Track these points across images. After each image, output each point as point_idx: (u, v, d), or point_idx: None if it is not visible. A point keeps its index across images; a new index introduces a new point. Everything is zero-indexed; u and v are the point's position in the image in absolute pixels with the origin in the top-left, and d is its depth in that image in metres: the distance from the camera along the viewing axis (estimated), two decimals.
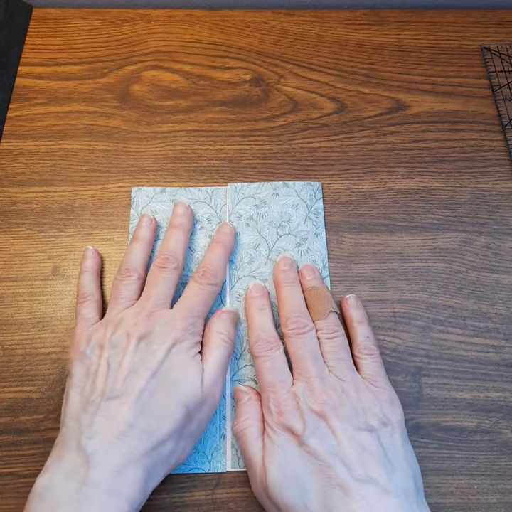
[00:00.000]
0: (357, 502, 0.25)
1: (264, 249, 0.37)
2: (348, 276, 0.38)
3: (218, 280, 0.33)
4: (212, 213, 0.37)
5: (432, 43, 0.47)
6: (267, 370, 0.30)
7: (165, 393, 0.28)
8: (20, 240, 0.38)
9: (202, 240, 0.37)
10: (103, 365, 0.28)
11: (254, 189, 0.38)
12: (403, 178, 0.41)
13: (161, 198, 0.39)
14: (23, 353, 0.35)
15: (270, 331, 0.32)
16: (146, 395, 0.27)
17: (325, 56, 0.47)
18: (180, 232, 0.35)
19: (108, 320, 0.31)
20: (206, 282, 0.32)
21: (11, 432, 0.33)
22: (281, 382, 0.30)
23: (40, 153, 0.41)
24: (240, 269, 0.36)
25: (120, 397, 0.27)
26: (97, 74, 0.45)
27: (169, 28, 0.47)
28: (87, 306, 0.33)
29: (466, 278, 0.38)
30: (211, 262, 0.33)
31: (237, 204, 0.38)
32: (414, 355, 0.35)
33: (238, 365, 0.33)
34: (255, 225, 0.37)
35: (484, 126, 0.43)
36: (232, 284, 0.35)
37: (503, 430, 0.33)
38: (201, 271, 0.33)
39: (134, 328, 0.29)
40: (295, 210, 0.38)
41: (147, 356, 0.28)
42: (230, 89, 0.45)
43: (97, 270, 0.35)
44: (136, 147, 0.42)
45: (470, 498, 0.31)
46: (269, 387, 0.30)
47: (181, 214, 0.36)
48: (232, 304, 0.35)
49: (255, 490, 0.29)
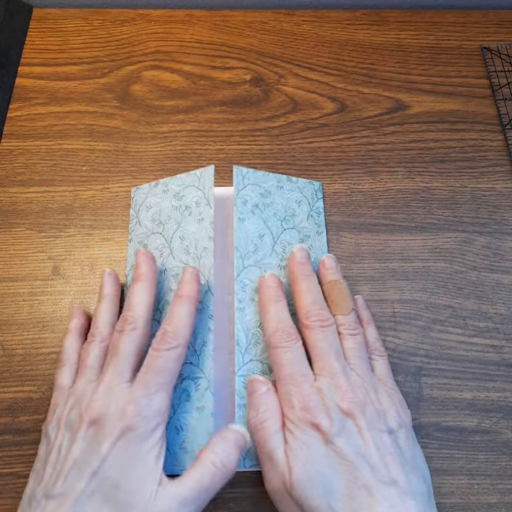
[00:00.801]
0: (381, 504, 0.25)
1: (269, 240, 0.36)
2: (348, 276, 0.37)
3: (181, 340, 0.29)
4: (201, 195, 0.36)
5: (432, 43, 0.47)
6: (287, 361, 0.29)
7: (102, 501, 0.24)
8: (20, 240, 0.38)
9: (191, 225, 0.35)
10: (55, 449, 0.27)
11: (260, 177, 0.38)
12: (403, 178, 0.41)
13: (155, 191, 0.38)
14: (24, 353, 0.35)
15: (289, 321, 0.30)
16: (83, 498, 0.24)
17: (325, 56, 0.47)
18: (139, 284, 0.31)
19: (70, 393, 0.29)
20: (165, 348, 0.28)
21: (11, 432, 0.33)
22: (303, 375, 0.28)
23: (40, 153, 0.41)
24: (245, 257, 0.34)
25: (58, 498, 0.24)
26: (97, 74, 0.45)
27: (169, 28, 0.47)
28: (63, 372, 0.31)
29: (467, 278, 0.38)
30: (170, 322, 0.29)
31: (243, 189, 0.36)
32: (415, 355, 0.35)
33: (243, 359, 0.32)
34: (260, 214, 0.36)
35: (484, 126, 0.43)
36: (237, 273, 0.34)
37: (504, 430, 0.33)
38: (159, 335, 0.29)
39: (87, 409, 0.27)
40: (298, 206, 0.38)
41: (93, 448, 0.25)
42: (230, 89, 0.45)
43: (80, 330, 0.33)
44: (136, 147, 0.42)
45: (470, 498, 0.31)
46: (290, 379, 0.28)
47: (140, 262, 0.32)
48: (237, 293, 0.33)
49: (273, 487, 0.27)
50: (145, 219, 0.38)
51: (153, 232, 0.37)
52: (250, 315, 0.33)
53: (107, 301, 0.33)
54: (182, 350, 0.29)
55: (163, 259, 0.36)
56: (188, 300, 0.30)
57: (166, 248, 0.36)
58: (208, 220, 0.35)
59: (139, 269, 0.32)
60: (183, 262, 0.35)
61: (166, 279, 0.35)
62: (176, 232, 0.36)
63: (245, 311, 0.33)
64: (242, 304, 0.33)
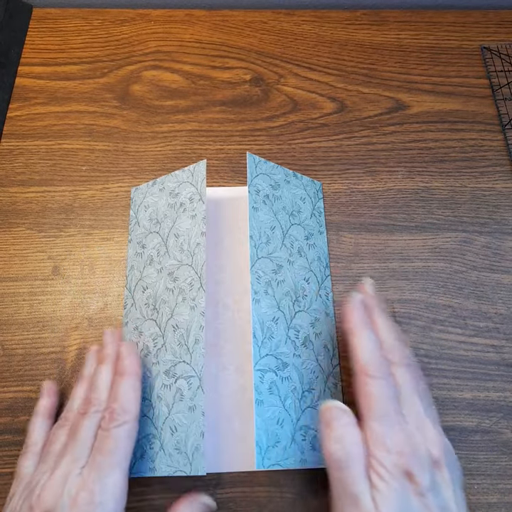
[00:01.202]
0: None
1: (279, 233, 0.36)
2: (348, 276, 0.37)
3: (128, 416, 0.28)
4: (194, 191, 0.36)
5: (432, 43, 0.47)
6: (382, 395, 0.27)
7: None
8: (20, 239, 0.38)
9: (184, 222, 0.35)
10: None
11: (270, 168, 0.38)
12: (403, 177, 0.41)
13: (152, 191, 0.38)
14: (23, 353, 0.35)
15: (380, 351, 0.29)
16: None
17: (325, 56, 0.47)
18: (103, 367, 0.31)
19: (27, 482, 0.28)
20: (113, 426, 0.27)
21: (11, 431, 0.33)
22: (397, 414, 0.26)
23: (40, 153, 0.41)
24: (258, 248, 0.34)
25: None
26: (97, 74, 0.45)
27: (169, 28, 0.47)
28: (24, 460, 0.29)
29: (466, 278, 0.38)
30: (115, 400, 0.29)
31: (256, 177, 0.36)
32: (415, 355, 0.35)
33: (260, 353, 0.31)
34: (271, 206, 0.36)
35: (484, 126, 0.43)
36: (252, 263, 0.33)
37: (504, 430, 0.33)
38: (106, 415, 0.28)
39: (38, 501, 0.25)
40: (303, 203, 0.38)
41: None
42: (230, 89, 0.45)
43: (49, 411, 0.32)
44: (136, 147, 0.42)
45: (470, 498, 0.31)
46: (385, 417, 0.26)
47: (107, 344, 0.32)
48: (253, 284, 0.33)
49: None
50: (143, 219, 0.38)
51: (151, 231, 0.37)
52: (265, 308, 0.33)
53: (86, 383, 0.32)
54: (131, 426, 0.28)
55: (160, 258, 0.36)
56: (129, 376, 0.30)
57: (163, 247, 0.36)
58: (201, 215, 0.34)
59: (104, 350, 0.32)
60: (178, 259, 0.35)
61: (163, 278, 0.35)
62: (171, 230, 0.36)
63: (261, 303, 0.33)
64: (257, 296, 0.33)
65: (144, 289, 0.35)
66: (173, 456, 0.30)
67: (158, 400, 0.32)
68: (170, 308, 0.33)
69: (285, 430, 0.30)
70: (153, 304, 0.34)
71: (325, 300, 0.36)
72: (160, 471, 0.29)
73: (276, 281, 0.34)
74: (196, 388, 0.30)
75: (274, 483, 0.32)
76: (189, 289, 0.33)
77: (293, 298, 0.35)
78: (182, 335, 0.32)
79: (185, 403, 0.31)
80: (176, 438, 0.30)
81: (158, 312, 0.34)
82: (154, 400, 0.32)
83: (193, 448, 0.29)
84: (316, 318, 0.35)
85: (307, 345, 0.34)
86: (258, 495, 0.31)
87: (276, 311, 0.33)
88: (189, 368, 0.31)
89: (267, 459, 0.29)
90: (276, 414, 0.30)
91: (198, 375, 0.31)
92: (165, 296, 0.34)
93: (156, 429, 0.31)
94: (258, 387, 0.30)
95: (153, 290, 0.35)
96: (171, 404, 0.31)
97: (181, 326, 0.32)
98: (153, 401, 0.32)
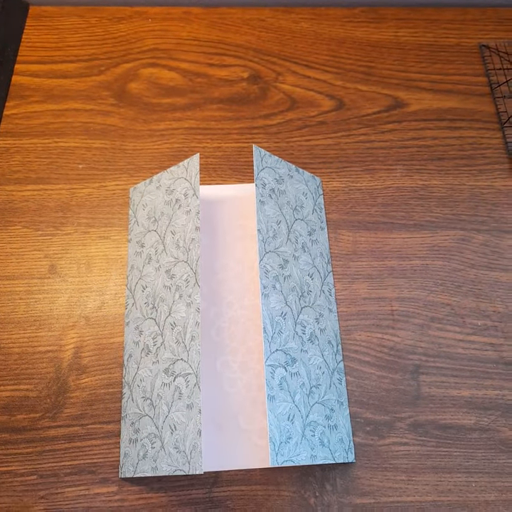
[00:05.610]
0: None
1: (284, 228, 0.36)
2: (346, 274, 0.37)
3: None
4: (188, 186, 0.36)
5: (431, 41, 0.47)
6: None
7: None
8: (16, 238, 0.38)
9: (180, 218, 0.36)
10: None
11: (274, 162, 0.38)
12: (402, 175, 0.41)
13: (149, 189, 0.38)
14: (20, 352, 0.35)
15: None
16: None
17: (323, 54, 0.46)
18: None
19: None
20: None
21: (8, 430, 0.32)
22: None
23: (36, 151, 0.41)
24: (266, 242, 0.34)
25: None
26: (94, 72, 0.45)
27: (166, 26, 0.47)
28: None
29: (465, 276, 0.38)
30: None
31: (262, 171, 0.37)
32: (413, 354, 0.35)
33: (270, 348, 0.31)
34: (276, 200, 0.36)
35: (483, 124, 0.43)
36: (260, 257, 0.34)
37: (501, 428, 0.33)
38: None
39: None
40: (305, 198, 0.38)
41: None
42: (227, 87, 0.44)
43: None
44: (133, 145, 0.42)
45: (468, 496, 0.31)
46: None
47: None
48: (262, 279, 0.33)
49: None
50: (142, 218, 0.38)
51: (149, 230, 0.37)
52: (274, 303, 0.33)
53: None
54: None
55: (158, 256, 0.36)
56: None
57: (160, 244, 0.36)
58: (195, 210, 0.34)
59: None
60: (174, 256, 0.35)
61: (160, 276, 0.35)
62: (168, 228, 0.36)
63: (269, 298, 0.33)
64: (266, 290, 0.33)
65: (143, 288, 0.35)
66: (173, 455, 0.30)
67: (158, 399, 0.32)
68: (168, 306, 0.33)
69: (295, 426, 0.30)
70: (153, 303, 0.34)
71: (328, 296, 0.36)
72: (161, 471, 0.29)
73: (283, 276, 0.34)
74: (193, 386, 0.30)
75: (272, 482, 0.32)
76: (185, 286, 0.33)
77: (299, 293, 0.35)
78: (179, 332, 0.32)
79: (183, 401, 0.31)
80: (176, 437, 0.30)
81: (157, 311, 0.34)
82: (155, 399, 0.32)
83: (191, 446, 0.29)
84: (320, 314, 0.35)
85: (313, 340, 0.34)
86: (255, 493, 0.31)
87: (284, 306, 0.33)
88: (186, 365, 0.31)
89: (281, 455, 0.29)
90: (287, 410, 0.30)
91: (195, 373, 0.31)
92: (163, 294, 0.34)
93: (157, 428, 0.31)
94: (270, 383, 0.30)
95: (152, 289, 0.35)
96: (170, 402, 0.31)
97: (178, 324, 0.32)
98: (154, 400, 0.32)
